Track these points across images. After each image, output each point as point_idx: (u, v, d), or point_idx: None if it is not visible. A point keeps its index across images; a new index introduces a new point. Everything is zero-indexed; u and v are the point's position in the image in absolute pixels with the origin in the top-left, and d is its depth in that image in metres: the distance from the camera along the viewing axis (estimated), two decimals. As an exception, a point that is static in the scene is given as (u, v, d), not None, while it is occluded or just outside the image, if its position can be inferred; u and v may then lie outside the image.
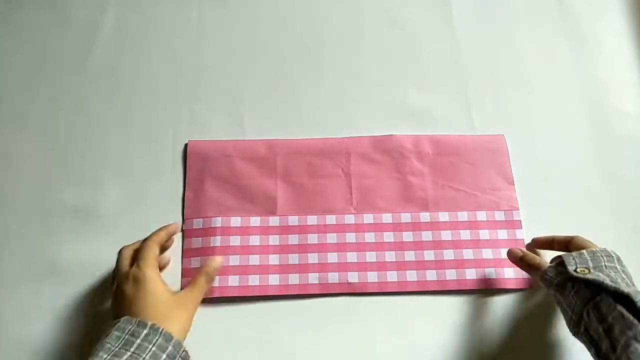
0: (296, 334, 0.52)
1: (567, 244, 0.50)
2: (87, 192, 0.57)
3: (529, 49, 0.68)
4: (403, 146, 0.60)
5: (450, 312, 0.53)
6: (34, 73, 0.63)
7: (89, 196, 0.57)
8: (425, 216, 0.57)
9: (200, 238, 0.55)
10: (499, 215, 0.57)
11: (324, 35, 0.67)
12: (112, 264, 0.51)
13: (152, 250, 0.48)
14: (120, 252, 0.49)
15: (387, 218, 0.56)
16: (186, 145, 0.60)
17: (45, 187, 0.57)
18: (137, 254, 0.48)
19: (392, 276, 0.53)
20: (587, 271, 0.43)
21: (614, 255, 0.46)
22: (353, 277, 0.53)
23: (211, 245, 0.54)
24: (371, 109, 0.63)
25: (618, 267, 0.45)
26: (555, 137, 0.63)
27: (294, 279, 0.53)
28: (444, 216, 0.57)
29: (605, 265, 0.44)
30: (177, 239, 0.55)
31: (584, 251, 0.46)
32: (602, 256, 0.45)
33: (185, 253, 0.54)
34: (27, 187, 0.57)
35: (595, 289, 0.41)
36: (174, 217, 0.56)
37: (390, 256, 0.54)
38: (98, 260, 0.54)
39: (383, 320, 0.53)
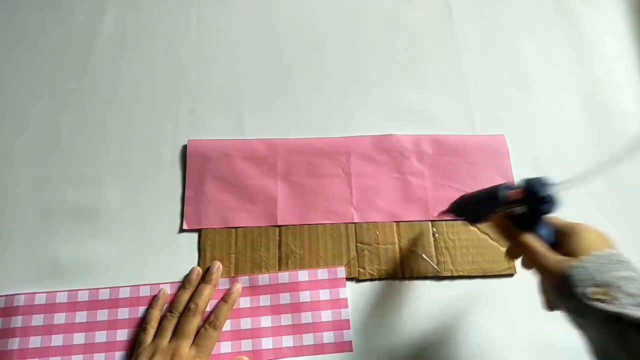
0: None
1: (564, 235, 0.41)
2: (87, 192, 0.57)
3: (529, 49, 0.68)
4: (403, 146, 0.60)
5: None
6: (34, 73, 0.63)
7: (89, 196, 0.57)
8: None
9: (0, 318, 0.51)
10: (322, 274, 0.54)
11: (324, 35, 0.67)
12: (111, 263, 0.51)
13: (196, 324, 0.49)
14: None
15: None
16: (186, 145, 0.60)
17: (45, 187, 0.57)
18: (181, 327, 0.49)
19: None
20: (598, 293, 0.34)
21: (624, 260, 0.37)
22: None
23: (11, 326, 0.50)
24: (371, 109, 0.63)
25: (634, 274, 0.35)
26: (555, 137, 0.63)
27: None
28: (264, 279, 0.53)
29: (618, 277, 0.35)
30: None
31: (585, 258, 0.36)
32: (612, 262, 0.36)
33: None
34: (27, 187, 0.57)
35: (620, 321, 0.33)
36: (174, 217, 0.56)
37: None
38: (98, 260, 0.54)
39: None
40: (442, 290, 0.55)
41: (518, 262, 0.55)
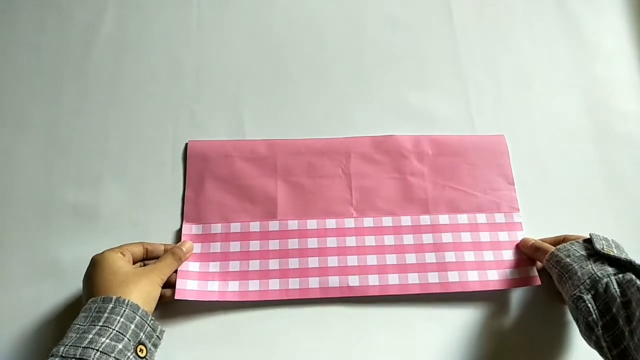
0: (296, 340, 0.51)
1: (561, 241, 0.52)
2: (87, 192, 0.57)
3: (529, 49, 0.68)
4: (403, 146, 0.60)
5: (451, 315, 0.53)
6: (34, 73, 0.63)
7: (89, 196, 0.57)
8: (425, 219, 0.56)
9: (199, 244, 0.54)
10: (499, 218, 0.57)
11: (324, 35, 0.67)
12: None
13: (127, 245, 0.50)
14: None
15: (387, 222, 0.56)
16: (186, 145, 0.60)
17: (45, 187, 0.57)
18: None
19: (393, 279, 0.53)
20: (612, 251, 0.45)
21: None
22: (354, 280, 0.53)
23: (211, 251, 0.54)
24: (371, 109, 0.63)
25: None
26: (555, 137, 0.63)
27: (294, 283, 0.53)
28: (444, 219, 0.56)
29: (622, 251, 0.47)
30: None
31: (604, 236, 0.48)
32: (618, 244, 0.48)
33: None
34: (27, 187, 0.57)
35: (621, 267, 0.44)
36: (174, 217, 0.56)
37: (391, 259, 0.54)
38: (98, 260, 0.54)
39: (384, 324, 0.52)
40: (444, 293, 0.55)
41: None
